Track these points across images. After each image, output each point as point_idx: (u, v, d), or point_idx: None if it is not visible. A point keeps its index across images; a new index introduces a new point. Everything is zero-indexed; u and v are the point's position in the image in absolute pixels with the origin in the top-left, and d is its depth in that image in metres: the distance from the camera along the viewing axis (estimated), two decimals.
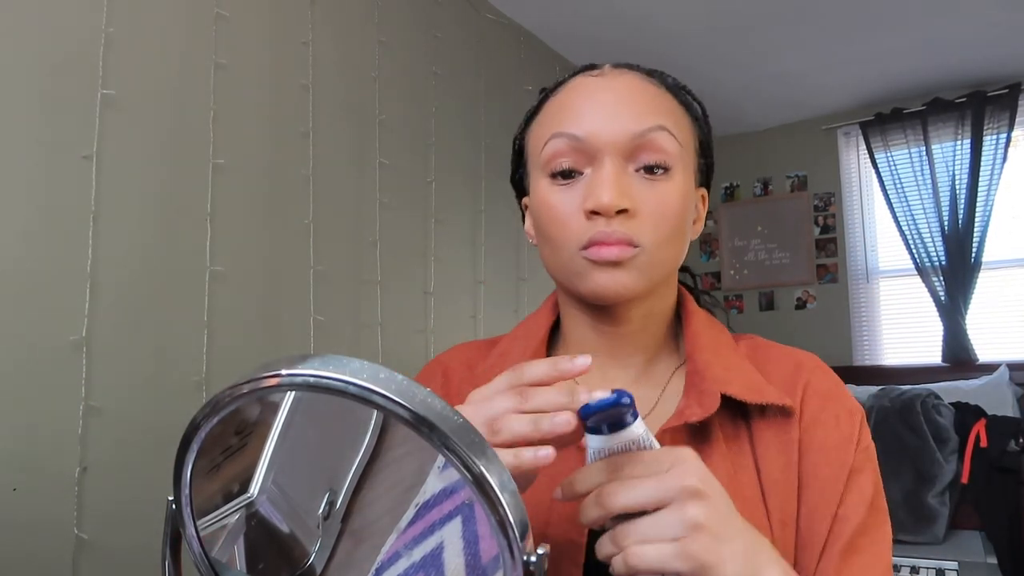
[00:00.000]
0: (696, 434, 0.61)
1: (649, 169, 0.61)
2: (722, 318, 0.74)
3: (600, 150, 0.61)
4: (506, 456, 0.44)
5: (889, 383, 2.93)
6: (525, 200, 0.72)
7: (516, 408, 0.47)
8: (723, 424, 0.62)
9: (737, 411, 0.63)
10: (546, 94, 0.70)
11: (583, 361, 0.48)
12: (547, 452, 0.44)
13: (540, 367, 0.48)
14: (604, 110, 0.62)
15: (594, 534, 0.57)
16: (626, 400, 0.44)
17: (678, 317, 0.72)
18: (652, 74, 0.68)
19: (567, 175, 0.63)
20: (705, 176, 0.71)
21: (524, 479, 0.46)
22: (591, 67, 0.68)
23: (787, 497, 0.61)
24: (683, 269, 0.76)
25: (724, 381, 0.62)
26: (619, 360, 0.68)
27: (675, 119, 0.64)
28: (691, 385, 0.64)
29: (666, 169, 0.62)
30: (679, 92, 0.68)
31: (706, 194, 0.72)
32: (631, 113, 0.62)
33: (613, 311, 0.65)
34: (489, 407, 0.47)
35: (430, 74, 2.20)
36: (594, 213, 0.60)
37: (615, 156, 0.61)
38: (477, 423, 0.46)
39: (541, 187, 0.65)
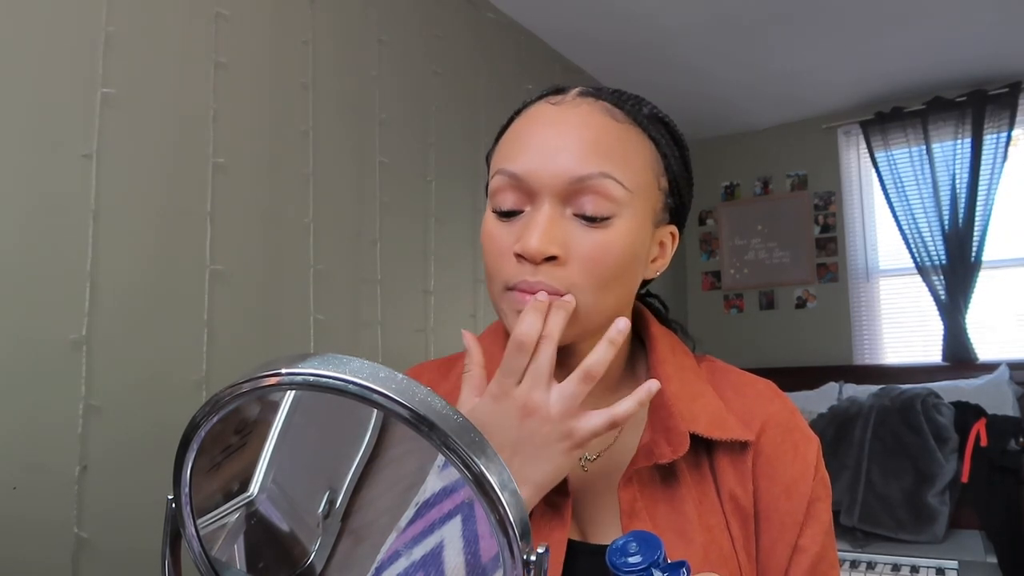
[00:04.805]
0: (663, 470, 0.63)
1: (588, 218, 0.59)
2: (688, 344, 0.73)
3: (538, 191, 0.59)
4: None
5: (889, 382, 2.93)
6: None
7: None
8: (686, 456, 0.62)
9: (700, 442, 0.63)
10: (514, 114, 0.67)
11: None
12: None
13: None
14: (547, 147, 0.59)
15: None
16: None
17: (639, 338, 0.72)
18: (622, 103, 0.64)
19: (507, 215, 0.61)
20: (676, 214, 0.67)
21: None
22: (557, 91, 0.65)
23: (746, 524, 0.63)
24: (648, 294, 0.76)
25: (691, 417, 0.62)
26: None
27: (630, 160, 0.61)
28: (657, 420, 0.64)
29: (607, 218, 0.59)
30: (651, 126, 0.64)
31: (676, 231, 0.68)
32: (576, 153, 0.59)
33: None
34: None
35: (430, 74, 2.20)
36: (521, 257, 0.59)
37: (552, 198, 0.59)
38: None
39: (488, 216, 0.63)
